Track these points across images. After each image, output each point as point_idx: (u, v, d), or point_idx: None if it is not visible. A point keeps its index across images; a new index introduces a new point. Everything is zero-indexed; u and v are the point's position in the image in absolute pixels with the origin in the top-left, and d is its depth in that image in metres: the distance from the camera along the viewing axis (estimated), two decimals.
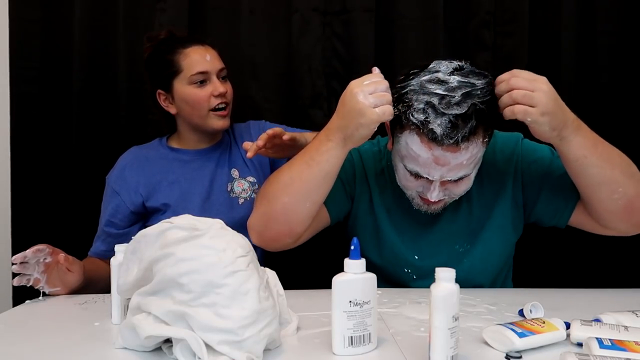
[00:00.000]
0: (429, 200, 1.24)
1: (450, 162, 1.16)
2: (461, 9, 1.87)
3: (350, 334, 0.88)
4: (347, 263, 0.89)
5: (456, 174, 1.19)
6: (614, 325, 0.93)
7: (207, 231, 0.89)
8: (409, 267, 1.36)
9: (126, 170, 1.56)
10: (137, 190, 1.53)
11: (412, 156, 1.19)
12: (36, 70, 1.91)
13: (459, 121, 1.12)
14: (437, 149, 1.15)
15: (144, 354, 0.90)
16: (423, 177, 1.20)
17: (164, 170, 1.57)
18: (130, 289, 0.93)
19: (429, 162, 1.17)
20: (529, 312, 1.05)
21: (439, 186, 1.21)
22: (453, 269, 0.82)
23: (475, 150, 1.18)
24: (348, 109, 1.13)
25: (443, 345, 0.81)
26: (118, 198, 1.53)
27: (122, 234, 1.52)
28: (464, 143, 1.14)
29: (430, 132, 1.13)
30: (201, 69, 1.51)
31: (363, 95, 1.10)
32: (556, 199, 1.31)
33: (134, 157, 1.59)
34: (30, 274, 1.21)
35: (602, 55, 1.83)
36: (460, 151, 1.15)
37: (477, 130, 1.14)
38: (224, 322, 0.83)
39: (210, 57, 1.54)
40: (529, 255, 1.69)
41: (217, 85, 1.53)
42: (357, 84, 1.13)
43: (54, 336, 1.00)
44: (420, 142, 1.16)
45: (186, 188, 1.55)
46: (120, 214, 1.53)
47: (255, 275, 0.88)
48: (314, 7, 1.86)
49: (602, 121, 1.83)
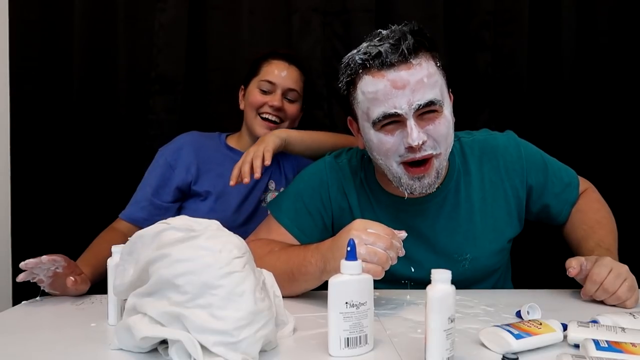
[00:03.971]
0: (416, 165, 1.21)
1: (409, 80, 1.16)
2: (461, 9, 1.87)
3: (346, 335, 0.88)
4: (343, 264, 0.89)
5: (423, 96, 1.16)
6: (611, 327, 0.93)
7: (203, 232, 0.89)
8: (405, 279, 1.34)
9: (184, 149, 1.64)
10: (189, 170, 1.61)
11: (372, 99, 1.19)
12: (36, 70, 1.91)
13: (398, 41, 1.16)
14: (390, 72, 1.16)
15: (139, 355, 0.90)
16: (392, 115, 1.17)
17: (215, 162, 1.65)
18: (127, 290, 0.93)
19: (389, 90, 1.16)
20: (527, 314, 1.05)
21: (415, 125, 1.17)
22: (449, 271, 0.82)
23: (432, 70, 1.19)
24: (338, 246, 1.06)
25: (439, 347, 0.80)
26: (170, 171, 1.61)
27: (164, 208, 1.60)
28: (414, 58, 1.16)
29: (376, 57, 1.16)
30: (270, 79, 1.64)
31: (358, 241, 1.00)
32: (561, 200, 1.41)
33: (193, 139, 1.67)
34: (37, 274, 1.21)
35: (601, 55, 1.83)
36: (414, 67, 1.16)
37: (419, 47, 1.17)
38: (219, 324, 0.83)
39: (286, 75, 1.65)
40: (527, 256, 1.69)
41: (276, 98, 1.63)
42: (361, 226, 1.05)
43: (50, 337, 1.00)
44: (373, 77, 1.18)
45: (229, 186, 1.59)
46: (168, 187, 1.61)
47: (251, 276, 0.88)
48: (314, 7, 1.86)
49: (602, 121, 1.84)
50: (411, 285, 1.34)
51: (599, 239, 1.32)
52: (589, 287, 1.16)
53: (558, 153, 1.49)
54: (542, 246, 1.75)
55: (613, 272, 1.15)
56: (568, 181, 1.43)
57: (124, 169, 1.91)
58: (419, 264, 1.33)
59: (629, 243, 1.61)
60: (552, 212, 1.42)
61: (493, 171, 1.37)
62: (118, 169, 1.92)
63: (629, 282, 1.15)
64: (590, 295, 1.17)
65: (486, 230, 1.35)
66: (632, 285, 1.15)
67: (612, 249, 1.30)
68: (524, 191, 1.38)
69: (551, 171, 1.41)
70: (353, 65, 1.22)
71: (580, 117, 1.85)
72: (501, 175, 1.36)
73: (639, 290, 1.18)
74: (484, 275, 1.38)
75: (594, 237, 1.33)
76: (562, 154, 1.51)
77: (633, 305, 1.14)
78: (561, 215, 1.43)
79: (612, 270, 1.15)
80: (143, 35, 1.90)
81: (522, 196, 1.38)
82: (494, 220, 1.36)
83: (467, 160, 1.38)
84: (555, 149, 1.50)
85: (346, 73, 1.25)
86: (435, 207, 1.34)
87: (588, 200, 1.44)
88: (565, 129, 1.85)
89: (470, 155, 1.38)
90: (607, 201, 1.47)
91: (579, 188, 1.44)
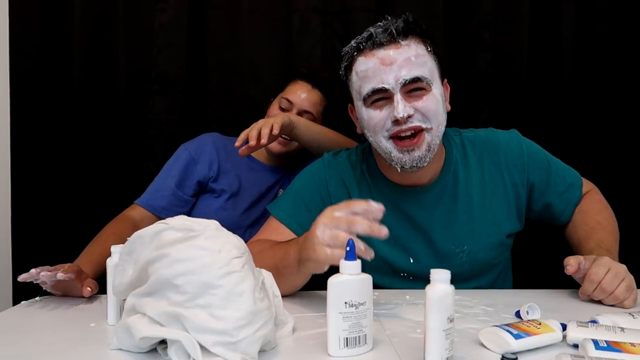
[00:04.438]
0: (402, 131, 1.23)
1: (396, 58, 1.22)
2: (461, 9, 1.87)
3: (345, 335, 0.88)
4: (342, 264, 0.89)
5: (409, 72, 1.21)
6: (610, 327, 0.93)
7: (202, 232, 0.89)
8: (404, 271, 1.36)
9: (207, 146, 1.68)
10: (212, 166, 1.65)
11: (363, 77, 1.25)
12: (36, 70, 1.91)
13: (389, 25, 1.24)
14: (380, 51, 1.23)
15: (139, 355, 0.90)
16: (380, 90, 1.23)
17: (234, 163, 1.69)
18: (126, 290, 0.93)
19: (377, 67, 1.22)
20: (526, 314, 1.05)
21: (402, 99, 1.21)
22: (448, 271, 0.82)
23: (420, 51, 1.24)
24: (309, 235, 1.04)
25: (438, 347, 0.80)
26: (193, 165, 1.64)
27: (184, 200, 1.64)
28: (403, 39, 1.23)
29: (368, 39, 1.23)
30: (289, 97, 1.68)
31: (322, 228, 1.01)
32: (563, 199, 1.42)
33: (216, 139, 1.71)
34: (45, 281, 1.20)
35: (601, 55, 1.83)
36: (402, 47, 1.23)
37: (409, 31, 1.24)
38: (218, 323, 0.82)
39: (305, 97, 1.68)
40: (527, 256, 1.68)
41: None
42: (327, 212, 1.04)
43: (50, 337, 1.00)
44: (365, 57, 1.24)
45: (245, 187, 1.68)
46: (190, 181, 1.64)
47: (250, 276, 0.88)
48: (314, 7, 1.87)
49: (602, 121, 1.84)
50: (410, 279, 1.35)
51: (600, 240, 1.32)
52: (587, 286, 1.17)
53: (558, 153, 1.49)
54: (542, 246, 1.74)
55: (611, 272, 1.15)
56: (571, 181, 1.43)
57: (124, 169, 1.91)
58: (417, 255, 1.35)
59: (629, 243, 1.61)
60: (554, 212, 1.42)
61: (493, 166, 1.38)
62: (118, 169, 1.92)
63: (627, 282, 1.15)
64: (588, 294, 1.17)
65: (484, 223, 1.36)
66: (630, 285, 1.15)
67: (612, 250, 1.30)
68: (525, 188, 1.38)
69: (554, 170, 1.41)
70: (350, 50, 1.29)
71: (580, 117, 1.85)
72: (501, 170, 1.37)
73: (637, 290, 1.18)
74: (482, 270, 1.39)
75: (595, 237, 1.33)
76: (562, 153, 1.51)
77: (631, 305, 1.14)
78: (564, 215, 1.43)
79: (610, 270, 1.15)
80: (143, 35, 1.90)
81: (523, 193, 1.38)
82: (492, 214, 1.37)
83: (467, 154, 1.39)
84: (555, 149, 1.49)
85: (345, 59, 1.32)
86: (434, 197, 1.36)
87: (591, 202, 1.44)
88: (565, 129, 1.85)
89: (471, 149, 1.40)
90: (607, 200, 1.47)
91: (582, 189, 1.44)
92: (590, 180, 1.50)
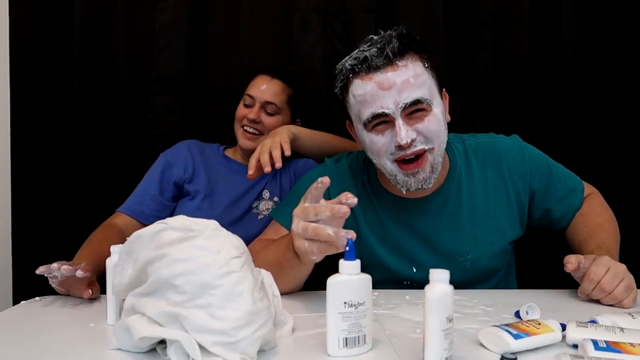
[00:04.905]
0: (408, 162, 1.23)
1: (394, 81, 1.19)
2: (461, 9, 1.87)
3: (345, 335, 0.88)
4: (342, 264, 0.89)
5: (409, 95, 1.19)
6: (609, 327, 0.93)
7: (201, 232, 0.89)
8: (407, 279, 1.36)
9: (183, 151, 1.69)
10: (186, 168, 1.66)
11: (361, 101, 1.22)
12: (36, 70, 1.92)
13: (384, 46, 1.20)
14: (377, 75, 1.19)
15: (138, 355, 0.90)
16: (380, 115, 1.20)
17: (210, 165, 1.70)
18: (125, 290, 0.93)
19: (375, 92, 1.19)
20: (525, 314, 1.05)
21: (403, 124, 1.19)
22: (447, 270, 0.82)
23: (419, 71, 1.21)
24: None
25: (437, 347, 0.80)
26: (170, 169, 1.65)
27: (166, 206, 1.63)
28: (399, 60, 1.19)
29: (363, 61, 1.20)
30: (250, 92, 1.68)
31: (296, 222, 1.01)
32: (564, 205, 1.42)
33: (194, 144, 1.73)
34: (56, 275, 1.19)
35: (601, 55, 1.83)
36: (400, 68, 1.19)
37: (405, 50, 1.21)
38: (217, 323, 0.82)
39: (265, 88, 1.67)
40: (527, 256, 1.68)
41: (254, 111, 1.66)
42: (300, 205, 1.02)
43: (49, 337, 1.00)
44: (361, 80, 1.21)
45: (221, 188, 1.66)
46: (167, 184, 1.65)
47: (249, 276, 0.88)
48: (314, 7, 1.87)
49: (602, 121, 1.84)
50: (413, 286, 1.35)
51: (600, 241, 1.32)
52: (586, 285, 1.16)
53: (558, 153, 1.49)
54: (543, 247, 1.74)
55: (610, 272, 1.15)
56: (573, 186, 1.43)
57: (124, 168, 1.91)
58: (421, 265, 1.34)
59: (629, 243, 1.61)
60: (554, 217, 1.42)
61: (496, 174, 1.37)
62: (118, 169, 1.92)
63: (626, 282, 1.15)
64: (587, 294, 1.17)
65: (488, 232, 1.36)
66: (629, 285, 1.15)
67: (612, 251, 1.30)
68: (527, 196, 1.38)
69: (555, 176, 1.41)
70: (344, 70, 1.26)
71: (580, 117, 1.85)
72: (504, 178, 1.37)
73: (636, 289, 1.17)
74: (485, 276, 1.39)
75: (595, 239, 1.33)
76: (562, 153, 1.51)
77: (630, 305, 1.14)
78: (563, 220, 1.42)
79: (610, 270, 1.15)
80: (143, 35, 1.90)
81: (525, 201, 1.38)
82: (496, 222, 1.36)
83: (470, 162, 1.38)
84: (555, 149, 1.50)
85: (339, 79, 1.29)
86: (437, 207, 1.35)
87: (591, 204, 1.44)
88: (565, 129, 1.85)
89: (474, 158, 1.39)
90: (607, 200, 1.47)
91: (583, 194, 1.44)
92: (590, 180, 1.50)
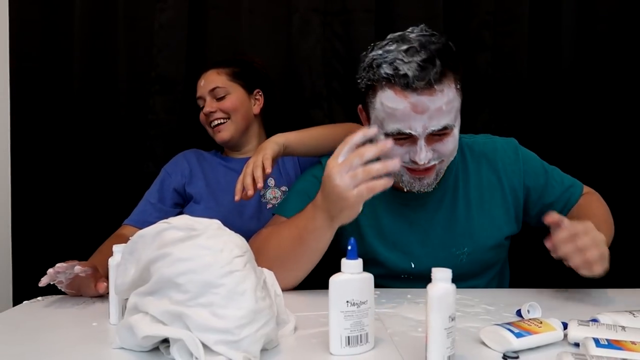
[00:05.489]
0: (418, 169, 1.24)
1: (429, 107, 1.17)
2: (461, 9, 1.87)
3: (347, 334, 0.88)
4: (344, 263, 0.89)
5: (438, 122, 1.19)
6: (611, 326, 0.93)
7: (204, 231, 0.89)
8: (405, 273, 1.38)
9: (180, 160, 1.72)
10: (183, 173, 1.68)
11: (389, 114, 1.20)
12: (36, 70, 1.91)
13: (426, 63, 1.15)
14: (413, 95, 1.17)
15: (141, 354, 0.90)
16: (406, 134, 1.20)
17: (209, 167, 1.72)
18: (128, 289, 0.93)
19: (408, 112, 1.18)
20: (527, 313, 1.05)
21: (425, 145, 1.20)
22: (449, 269, 0.82)
23: (451, 95, 1.20)
24: (328, 191, 1.09)
25: (439, 346, 0.80)
26: (169, 178, 1.68)
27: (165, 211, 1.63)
28: (438, 85, 1.17)
29: (402, 77, 1.15)
30: (198, 94, 1.72)
31: (339, 176, 1.05)
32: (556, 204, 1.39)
33: (191, 152, 1.75)
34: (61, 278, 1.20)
35: (602, 55, 1.83)
36: (436, 93, 1.17)
37: (445, 71, 1.18)
38: (220, 322, 0.83)
39: (203, 83, 1.70)
40: (527, 255, 1.69)
41: (207, 104, 1.69)
42: (332, 162, 1.07)
43: (52, 336, 1.00)
44: (395, 94, 1.18)
45: (223, 186, 1.65)
46: (167, 192, 1.66)
47: (252, 275, 0.88)
48: (314, 7, 1.87)
49: (602, 121, 1.84)
50: (410, 278, 1.36)
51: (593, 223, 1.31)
52: (561, 233, 1.12)
53: (558, 153, 1.49)
54: (542, 246, 1.74)
55: (590, 235, 1.11)
56: (570, 183, 1.43)
57: (124, 169, 1.91)
58: (418, 258, 1.36)
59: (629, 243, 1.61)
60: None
61: (491, 171, 1.39)
62: (118, 169, 1.92)
63: (602, 250, 1.11)
64: (559, 242, 1.12)
65: (483, 226, 1.37)
66: (603, 254, 1.11)
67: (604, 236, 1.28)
68: (522, 192, 1.40)
69: (551, 175, 1.42)
70: (377, 74, 1.21)
71: (580, 117, 1.85)
72: (499, 175, 1.39)
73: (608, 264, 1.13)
74: (481, 269, 1.40)
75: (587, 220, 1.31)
76: (562, 154, 1.51)
77: (599, 272, 1.10)
78: (562, 213, 1.42)
79: (591, 233, 1.12)
80: (143, 35, 1.90)
81: (521, 196, 1.40)
82: (491, 217, 1.38)
83: (467, 159, 1.41)
84: (555, 149, 1.50)
85: (367, 76, 1.24)
86: (435, 202, 1.37)
87: (589, 200, 1.44)
88: (565, 129, 1.85)
89: (469, 154, 1.41)
90: (606, 201, 1.47)
91: (582, 190, 1.44)
92: (589, 181, 1.50)
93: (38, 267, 1.82)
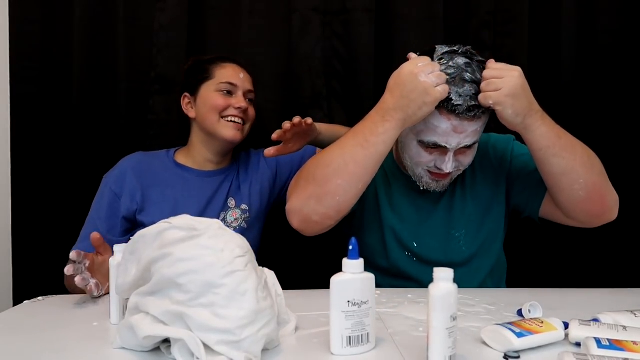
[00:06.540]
0: (440, 174, 1.33)
1: (467, 129, 1.26)
2: (461, 9, 1.87)
3: (348, 334, 0.88)
4: (345, 263, 0.89)
5: (471, 140, 1.28)
6: (612, 325, 0.93)
7: (205, 231, 0.89)
8: (409, 251, 1.43)
9: (127, 175, 1.54)
10: (134, 197, 1.51)
11: (430, 129, 1.27)
12: (36, 70, 1.91)
13: (474, 99, 1.22)
14: (456, 119, 1.24)
15: (142, 354, 0.90)
16: (440, 147, 1.28)
17: (163, 184, 1.56)
18: (129, 289, 0.93)
19: (448, 132, 1.25)
20: (528, 312, 1.05)
21: (453, 157, 1.29)
22: (451, 269, 0.82)
23: (485, 119, 1.30)
24: (410, 89, 1.18)
25: (441, 345, 0.80)
26: (117, 201, 1.51)
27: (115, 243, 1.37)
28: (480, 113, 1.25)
29: (454, 106, 1.22)
30: (231, 81, 1.58)
31: (424, 75, 1.17)
32: (529, 188, 1.41)
33: (137, 163, 1.58)
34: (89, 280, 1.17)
35: (602, 55, 1.83)
36: (476, 120, 1.26)
37: None
38: (222, 322, 0.83)
39: (243, 77, 1.61)
40: (527, 255, 1.69)
41: (240, 99, 1.58)
42: (414, 66, 1.19)
43: (53, 336, 1.00)
44: (440, 114, 1.24)
45: (181, 206, 1.52)
46: (115, 219, 1.51)
47: (253, 275, 0.88)
48: (314, 7, 1.86)
49: (602, 121, 1.84)
50: (414, 260, 1.42)
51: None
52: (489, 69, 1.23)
53: None
54: (540, 246, 1.75)
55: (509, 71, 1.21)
56: None
57: None
58: (422, 239, 1.43)
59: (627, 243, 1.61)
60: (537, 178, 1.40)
61: (484, 159, 1.45)
62: None
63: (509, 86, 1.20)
64: None
65: (477, 208, 1.44)
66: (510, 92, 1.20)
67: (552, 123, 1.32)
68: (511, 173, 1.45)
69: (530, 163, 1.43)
70: None
71: (580, 117, 1.85)
72: (491, 161, 1.45)
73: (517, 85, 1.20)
74: (479, 250, 1.43)
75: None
76: None
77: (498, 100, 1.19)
78: None
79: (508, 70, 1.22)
80: (143, 35, 1.89)
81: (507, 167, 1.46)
82: (485, 198, 1.44)
83: None
84: None
85: None
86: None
87: None
88: (565, 129, 1.85)
89: None
90: None
91: None
92: None
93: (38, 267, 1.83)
